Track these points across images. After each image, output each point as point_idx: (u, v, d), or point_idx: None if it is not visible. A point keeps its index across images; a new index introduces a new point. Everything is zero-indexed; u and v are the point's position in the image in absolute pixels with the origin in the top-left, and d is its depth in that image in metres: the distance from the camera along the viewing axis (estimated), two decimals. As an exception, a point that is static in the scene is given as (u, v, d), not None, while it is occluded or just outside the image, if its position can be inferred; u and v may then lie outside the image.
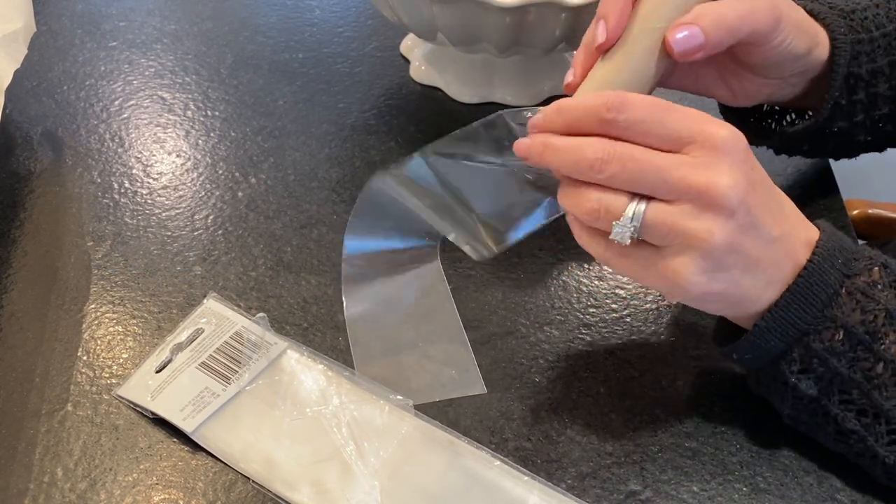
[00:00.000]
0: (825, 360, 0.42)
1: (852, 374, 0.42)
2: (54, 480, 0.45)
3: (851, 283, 0.42)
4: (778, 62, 0.50)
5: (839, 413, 0.43)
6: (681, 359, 0.51)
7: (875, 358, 0.42)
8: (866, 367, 0.42)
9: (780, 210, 0.42)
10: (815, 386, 0.43)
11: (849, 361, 0.42)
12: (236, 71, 0.73)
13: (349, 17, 0.80)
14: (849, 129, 0.55)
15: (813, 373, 0.43)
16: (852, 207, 0.94)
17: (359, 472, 0.45)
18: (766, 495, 0.45)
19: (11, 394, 0.49)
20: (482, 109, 0.69)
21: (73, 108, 0.69)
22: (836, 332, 0.42)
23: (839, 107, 0.54)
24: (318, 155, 0.66)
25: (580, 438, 0.48)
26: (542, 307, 0.54)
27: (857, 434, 0.43)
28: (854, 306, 0.42)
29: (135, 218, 0.60)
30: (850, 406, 0.43)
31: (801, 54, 0.50)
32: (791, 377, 0.43)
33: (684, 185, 0.39)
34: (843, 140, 0.56)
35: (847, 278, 0.42)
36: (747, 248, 0.40)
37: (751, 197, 0.40)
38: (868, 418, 0.43)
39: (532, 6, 0.57)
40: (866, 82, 0.54)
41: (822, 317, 0.42)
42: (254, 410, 0.48)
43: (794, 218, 0.43)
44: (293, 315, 0.54)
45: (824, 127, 0.55)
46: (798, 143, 0.57)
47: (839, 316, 0.42)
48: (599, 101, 0.40)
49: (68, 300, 0.54)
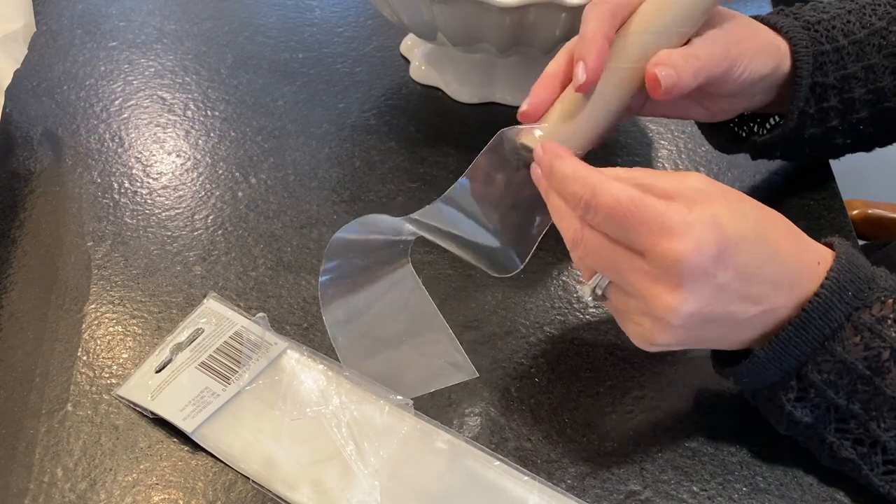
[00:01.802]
0: (822, 391, 0.42)
1: (850, 406, 0.42)
2: (54, 480, 0.45)
3: (858, 318, 0.41)
4: (742, 89, 0.51)
5: (835, 441, 0.43)
6: (681, 359, 0.51)
7: (875, 391, 0.41)
8: (865, 399, 0.41)
9: (766, 288, 0.40)
10: (811, 414, 0.43)
11: (847, 393, 0.42)
12: (236, 71, 0.73)
13: (349, 17, 0.80)
14: (823, 134, 0.56)
15: (809, 402, 0.43)
16: (852, 207, 0.94)
17: (359, 472, 0.45)
18: (765, 495, 0.45)
19: (11, 394, 0.49)
20: (482, 109, 0.69)
21: (73, 108, 0.69)
22: (834, 365, 0.41)
23: (807, 115, 0.54)
24: (318, 155, 0.66)
25: (580, 438, 0.48)
26: (542, 307, 0.54)
27: (852, 462, 0.43)
28: (857, 342, 0.41)
29: (135, 218, 0.60)
30: (847, 435, 0.43)
31: (765, 75, 0.51)
32: (787, 405, 0.43)
33: (635, 289, 0.40)
34: (820, 145, 0.57)
35: (855, 311, 0.41)
36: (702, 337, 0.41)
37: (708, 306, 0.39)
38: (864, 447, 0.42)
39: (532, 6, 0.57)
40: (838, 89, 0.54)
41: (822, 348, 0.41)
42: (254, 410, 0.48)
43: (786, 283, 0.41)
44: (293, 315, 0.54)
45: (795, 134, 0.55)
46: (771, 150, 0.57)
47: (839, 350, 0.41)
48: (569, 191, 0.41)
49: (68, 300, 0.54)
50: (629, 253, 0.40)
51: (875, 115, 0.56)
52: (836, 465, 0.44)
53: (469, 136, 0.66)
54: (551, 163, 0.43)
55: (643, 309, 0.40)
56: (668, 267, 0.38)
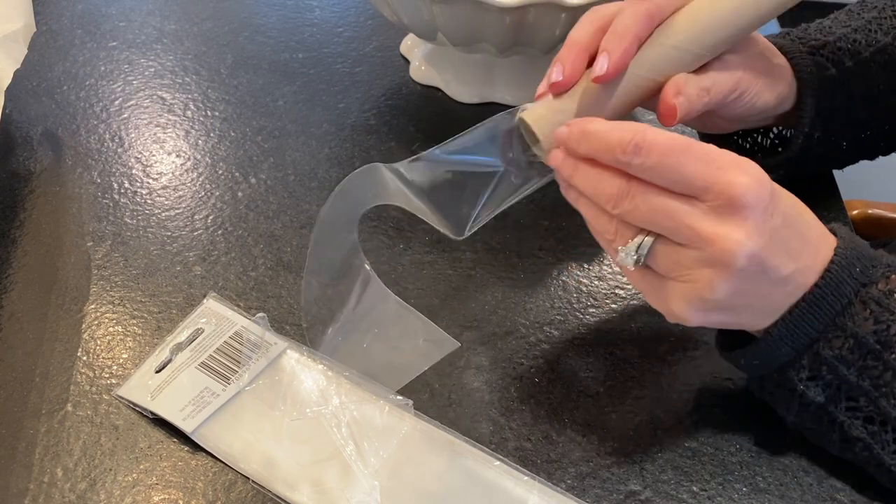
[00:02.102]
0: (834, 368, 0.42)
1: (861, 382, 0.42)
2: (54, 480, 0.45)
3: (866, 293, 0.41)
4: (746, 115, 0.51)
5: (846, 420, 0.43)
6: (681, 359, 0.51)
7: (885, 366, 0.41)
8: (875, 375, 0.42)
9: (801, 243, 0.41)
10: (823, 393, 0.43)
11: (858, 370, 0.42)
12: (236, 71, 0.73)
13: (349, 17, 0.80)
14: (828, 152, 0.56)
15: (821, 380, 0.42)
16: (852, 207, 0.94)
17: (359, 472, 0.45)
18: (765, 495, 0.45)
19: (11, 394, 0.49)
20: (482, 109, 0.69)
21: (73, 108, 0.69)
22: (845, 341, 0.41)
23: (814, 139, 0.54)
24: (318, 155, 0.66)
25: (580, 438, 0.48)
26: (542, 307, 0.54)
27: (862, 441, 0.43)
28: (867, 316, 0.41)
29: (135, 218, 0.60)
30: (857, 413, 0.43)
31: (767, 108, 0.51)
32: (799, 384, 0.43)
33: (694, 233, 0.39)
34: (824, 162, 0.57)
35: (862, 286, 0.42)
36: (751, 293, 0.40)
37: (765, 249, 0.39)
38: (875, 426, 0.42)
39: (532, 6, 0.57)
40: (845, 109, 0.54)
41: (833, 325, 0.41)
42: (254, 410, 0.48)
43: (813, 242, 0.42)
44: (293, 315, 0.54)
45: (800, 157, 0.55)
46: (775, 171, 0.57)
47: (850, 325, 0.41)
48: (615, 138, 0.39)
49: (68, 300, 0.54)
50: (683, 198, 0.39)
51: (881, 130, 0.56)
52: (846, 450, 0.44)
53: (469, 136, 0.67)
54: (583, 126, 0.41)
55: (701, 257, 0.39)
56: (732, 200, 0.38)
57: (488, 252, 0.58)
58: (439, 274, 0.56)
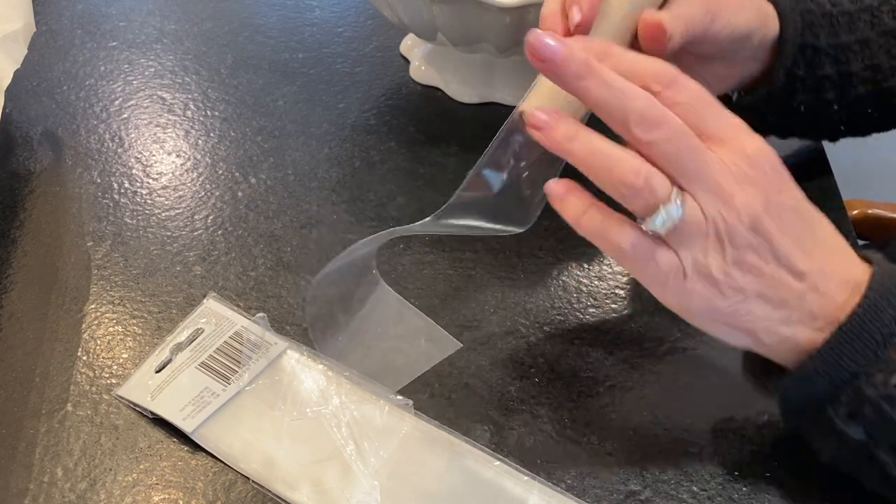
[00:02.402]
0: (878, 406, 0.39)
1: None
2: (54, 480, 0.45)
3: None
4: (728, 48, 0.49)
5: (888, 461, 0.39)
6: (681, 359, 0.51)
7: None
8: None
9: (813, 243, 0.40)
10: (864, 432, 0.39)
11: None
12: (236, 71, 0.73)
13: (349, 17, 0.80)
14: (818, 106, 0.54)
15: (863, 418, 0.39)
16: (852, 207, 0.94)
17: (359, 472, 0.45)
18: (766, 495, 0.45)
19: (11, 394, 0.49)
20: (482, 109, 0.69)
21: (73, 108, 0.69)
22: (889, 376, 0.38)
23: (799, 79, 0.52)
24: (318, 155, 0.66)
25: (580, 438, 0.48)
26: (542, 307, 0.54)
27: None
28: None
29: (135, 218, 0.60)
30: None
31: (749, 32, 0.49)
32: (838, 423, 0.40)
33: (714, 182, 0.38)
34: (815, 119, 0.55)
35: None
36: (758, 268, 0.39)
37: (767, 220, 0.38)
38: None
39: (532, 6, 0.57)
40: (833, 58, 0.52)
41: (876, 359, 0.39)
42: (254, 410, 0.48)
43: (835, 254, 0.41)
44: (293, 315, 0.54)
45: (787, 99, 0.53)
46: (763, 116, 0.54)
47: (894, 358, 0.38)
48: (650, 66, 0.38)
49: (68, 300, 0.54)
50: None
51: (874, 95, 0.54)
52: (885, 487, 0.41)
53: (469, 136, 0.66)
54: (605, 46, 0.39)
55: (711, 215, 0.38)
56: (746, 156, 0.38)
57: (488, 252, 0.58)
58: (439, 274, 0.56)
